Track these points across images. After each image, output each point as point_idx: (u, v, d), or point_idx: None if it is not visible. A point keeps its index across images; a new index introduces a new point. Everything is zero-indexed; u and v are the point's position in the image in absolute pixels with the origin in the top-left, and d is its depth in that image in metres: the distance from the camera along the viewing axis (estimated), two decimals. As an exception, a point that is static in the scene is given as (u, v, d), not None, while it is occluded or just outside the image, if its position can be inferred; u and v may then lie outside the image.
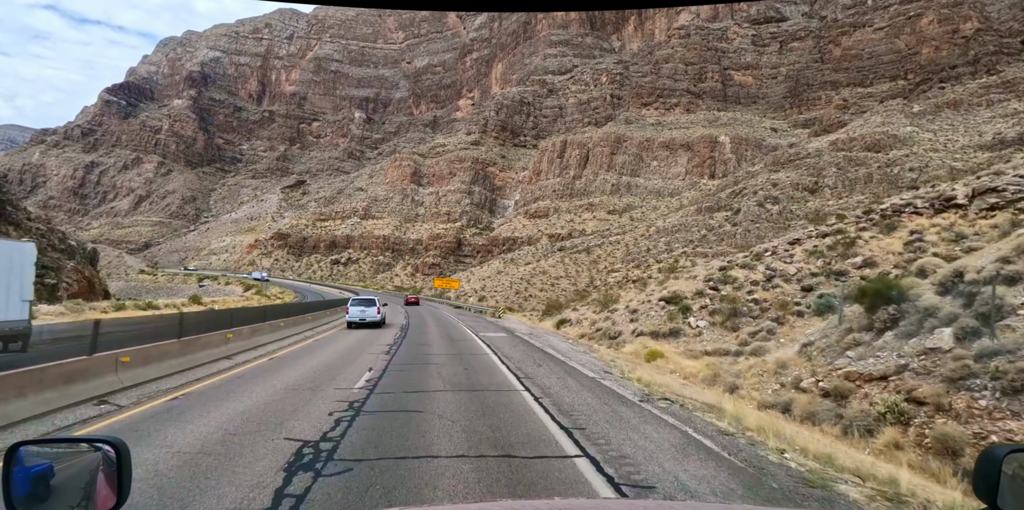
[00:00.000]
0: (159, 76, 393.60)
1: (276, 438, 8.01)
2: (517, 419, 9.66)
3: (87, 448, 2.04)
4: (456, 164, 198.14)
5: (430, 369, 16.02)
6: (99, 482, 1.93)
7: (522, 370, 16.05)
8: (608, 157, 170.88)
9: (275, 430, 8.50)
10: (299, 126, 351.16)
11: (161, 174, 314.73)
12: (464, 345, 24.70)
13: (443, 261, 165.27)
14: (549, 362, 18.37)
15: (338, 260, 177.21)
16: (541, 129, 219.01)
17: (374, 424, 9.03)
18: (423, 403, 10.88)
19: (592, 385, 13.86)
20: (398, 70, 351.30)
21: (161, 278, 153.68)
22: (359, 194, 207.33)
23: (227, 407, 10.32)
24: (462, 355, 20.27)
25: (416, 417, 9.59)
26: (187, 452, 7.26)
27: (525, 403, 11.20)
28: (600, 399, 11.95)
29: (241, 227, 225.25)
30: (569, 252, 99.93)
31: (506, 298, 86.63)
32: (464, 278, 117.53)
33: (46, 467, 2.00)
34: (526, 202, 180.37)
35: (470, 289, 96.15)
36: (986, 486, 1.76)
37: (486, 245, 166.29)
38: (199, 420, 9.22)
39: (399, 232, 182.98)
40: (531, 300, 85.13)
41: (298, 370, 15.36)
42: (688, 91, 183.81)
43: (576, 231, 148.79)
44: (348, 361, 17.66)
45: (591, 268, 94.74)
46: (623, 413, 10.47)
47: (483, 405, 10.84)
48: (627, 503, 2.74)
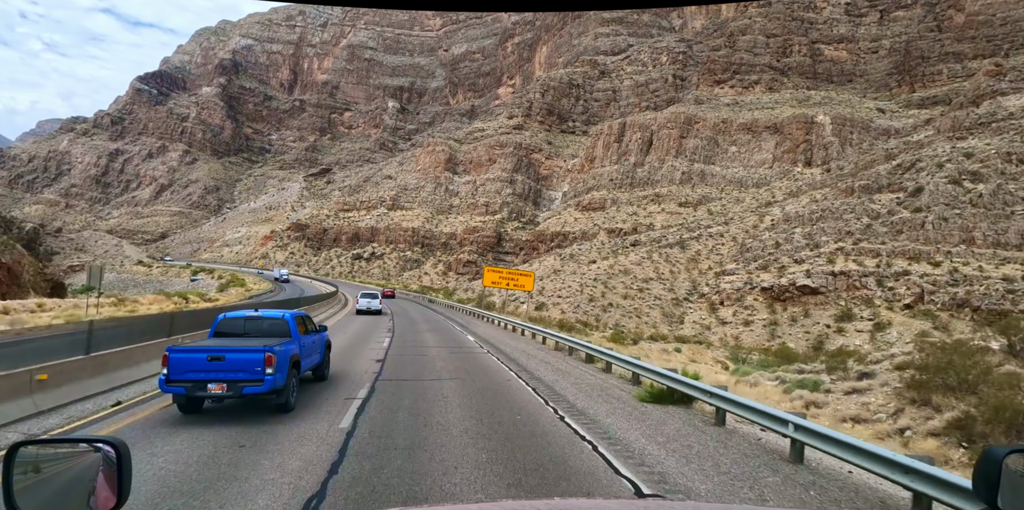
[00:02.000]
0: (192, 65, 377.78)
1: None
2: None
3: (87, 448, 2.00)
4: (496, 150, 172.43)
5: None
6: (99, 482, 1.90)
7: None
8: (676, 141, 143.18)
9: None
10: (330, 116, 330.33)
11: (186, 163, 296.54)
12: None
13: (480, 258, 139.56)
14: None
15: (360, 255, 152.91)
16: (592, 114, 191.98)
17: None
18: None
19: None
20: (434, 58, 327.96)
21: (155, 270, 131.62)
22: (387, 182, 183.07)
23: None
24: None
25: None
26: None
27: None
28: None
29: (258, 217, 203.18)
30: (657, 247, 73.03)
31: (576, 307, 60.15)
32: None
33: (46, 467, 1.99)
34: (577, 193, 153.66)
35: (520, 292, 70.13)
36: (986, 486, 1.72)
37: (531, 241, 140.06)
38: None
39: (430, 224, 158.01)
40: (614, 311, 58.51)
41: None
42: (770, 67, 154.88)
43: (641, 226, 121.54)
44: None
45: (689, 267, 67.91)
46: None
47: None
48: (627, 503, 2.68)
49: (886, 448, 7.00)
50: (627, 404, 12.87)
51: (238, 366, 9.18)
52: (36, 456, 2.03)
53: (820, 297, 53.83)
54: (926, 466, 5.95)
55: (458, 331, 32.23)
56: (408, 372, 15.80)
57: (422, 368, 16.70)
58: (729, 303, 58.22)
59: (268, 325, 11.32)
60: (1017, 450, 1.77)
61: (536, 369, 18.31)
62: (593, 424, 10.48)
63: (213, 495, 6.10)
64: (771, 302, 55.96)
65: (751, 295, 57.76)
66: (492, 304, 60.88)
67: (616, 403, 13.00)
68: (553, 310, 59.35)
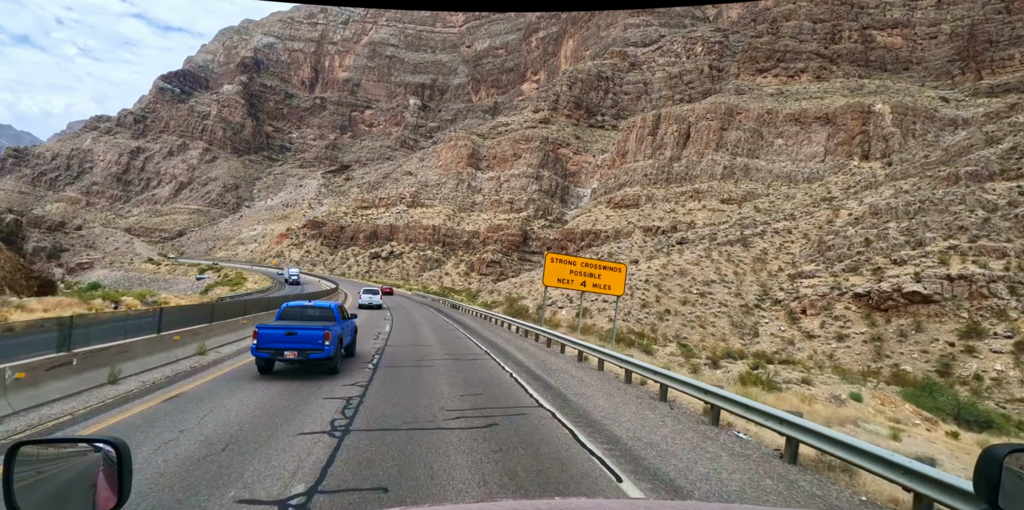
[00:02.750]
0: (215, 64, 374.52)
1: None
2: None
3: (87, 448, 1.98)
4: (522, 144, 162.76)
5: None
6: (99, 482, 1.88)
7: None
8: (716, 134, 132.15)
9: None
10: (351, 114, 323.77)
11: (205, 161, 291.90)
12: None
13: (504, 258, 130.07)
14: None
15: (378, 254, 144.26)
16: (622, 107, 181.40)
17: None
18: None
19: None
20: (456, 55, 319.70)
21: (163, 268, 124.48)
22: (407, 178, 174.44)
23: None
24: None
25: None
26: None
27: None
28: None
29: (275, 215, 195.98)
30: (714, 245, 62.55)
31: (627, 313, 50.12)
32: (540, 279, 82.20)
33: (47, 467, 1.98)
34: (608, 189, 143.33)
35: (558, 295, 60.30)
36: (987, 485, 1.70)
37: (559, 240, 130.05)
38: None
39: (452, 222, 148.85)
40: (672, 320, 48.40)
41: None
42: (818, 54, 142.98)
43: (681, 223, 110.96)
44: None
45: (755, 268, 57.48)
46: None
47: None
48: (627, 503, 2.64)
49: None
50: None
51: (306, 339, 13.02)
52: (37, 456, 2.01)
53: (934, 307, 43.12)
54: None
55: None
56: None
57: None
58: (813, 312, 47.71)
59: (319, 312, 15.09)
60: (1018, 449, 1.75)
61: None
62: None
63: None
64: (868, 312, 45.39)
65: (841, 302, 47.22)
66: (523, 309, 51.22)
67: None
68: (599, 317, 49.41)
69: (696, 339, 46.24)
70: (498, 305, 60.48)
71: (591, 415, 10.95)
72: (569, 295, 56.34)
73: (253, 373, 13.31)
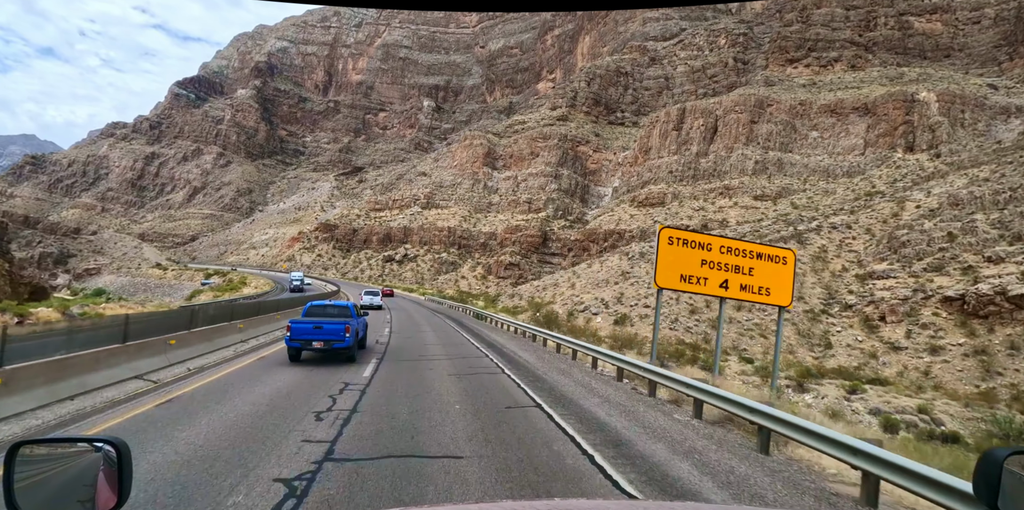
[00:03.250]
0: (229, 70, 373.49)
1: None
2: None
3: (88, 448, 1.98)
4: (539, 142, 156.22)
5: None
6: (100, 482, 1.87)
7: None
8: (746, 127, 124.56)
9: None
10: (364, 116, 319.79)
11: (219, 166, 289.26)
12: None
13: (523, 260, 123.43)
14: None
15: (392, 257, 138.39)
16: (643, 103, 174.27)
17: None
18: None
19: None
20: (471, 55, 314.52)
21: (170, 273, 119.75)
22: (421, 179, 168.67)
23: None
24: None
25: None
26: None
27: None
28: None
29: (287, 218, 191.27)
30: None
31: (673, 321, 43.20)
32: (564, 281, 75.14)
33: (47, 467, 1.97)
34: (630, 188, 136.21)
35: (591, 300, 53.50)
36: (987, 488, 1.68)
37: (580, 240, 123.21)
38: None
39: (467, 224, 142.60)
40: (728, 329, 41.40)
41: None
42: (852, 42, 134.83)
43: (712, 222, 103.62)
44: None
45: (816, 268, 50.25)
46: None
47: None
48: (627, 503, 2.63)
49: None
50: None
51: (330, 332, 15.43)
52: (37, 456, 2.00)
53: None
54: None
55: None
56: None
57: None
58: (894, 319, 40.45)
59: (338, 311, 17.46)
60: (1018, 452, 1.74)
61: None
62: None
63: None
64: (964, 319, 38.06)
65: (927, 308, 39.92)
66: (552, 315, 44.56)
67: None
68: (640, 325, 42.60)
69: (758, 351, 39.22)
70: (521, 311, 53.91)
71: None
72: (603, 298, 49.46)
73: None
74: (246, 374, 13.80)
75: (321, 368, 14.96)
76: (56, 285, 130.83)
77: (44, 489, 1.91)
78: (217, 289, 67.80)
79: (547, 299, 69.85)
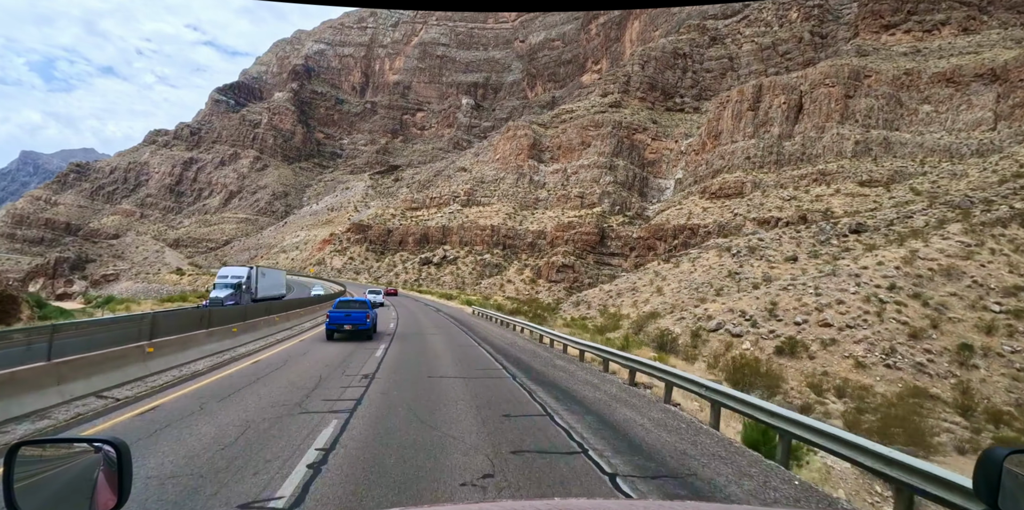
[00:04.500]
0: (268, 75, 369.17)
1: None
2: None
3: (88, 448, 1.96)
4: (591, 131, 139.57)
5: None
6: (99, 482, 1.86)
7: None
8: (839, 103, 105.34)
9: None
10: (402, 117, 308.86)
11: (256, 169, 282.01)
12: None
13: (578, 261, 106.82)
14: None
15: (429, 259, 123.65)
16: (704, 87, 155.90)
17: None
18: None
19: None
20: (510, 50, 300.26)
21: (186, 279, 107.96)
22: (461, 175, 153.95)
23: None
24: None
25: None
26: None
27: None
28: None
29: (319, 219, 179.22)
30: (980, 226, 37.23)
31: (887, 353, 26.14)
32: (646, 285, 58.31)
33: (47, 467, 1.95)
34: (698, 178, 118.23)
35: (722, 312, 36.79)
36: (987, 487, 1.67)
37: (644, 238, 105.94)
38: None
39: (513, 222, 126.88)
40: (989, 367, 24.17)
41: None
42: (962, 2, 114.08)
43: (812, 212, 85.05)
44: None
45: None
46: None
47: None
48: (627, 503, 2.63)
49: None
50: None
51: (357, 318, 21.50)
52: (37, 456, 1.98)
53: None
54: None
55: None
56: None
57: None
58: None
59: (359, 305, 23.04)
60: (1018, 451, 1.72)
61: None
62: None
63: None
64: None
65: None
66: (668, 337, 28.15)
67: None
68: (827, 356, 25.63)
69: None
70: (587, 326, 37.60)
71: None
72: (743, 311, 32.58)
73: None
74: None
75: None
76: (72, 292, 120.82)
77: (44, 489, 1.88)
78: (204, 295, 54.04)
79: (624, 308, 53.41)
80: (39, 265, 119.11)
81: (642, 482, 6.22)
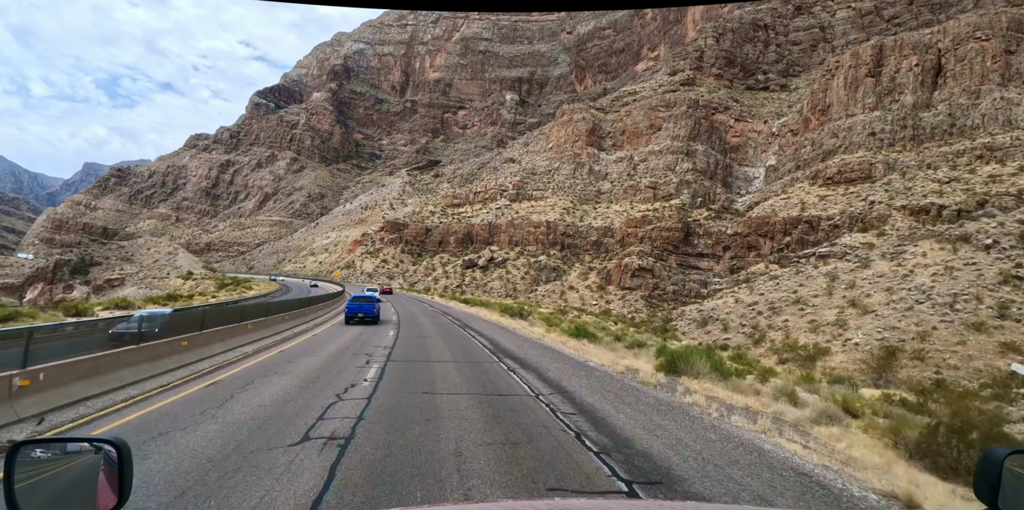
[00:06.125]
0: (308, 78, 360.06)
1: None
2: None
3: (89, 448, 1.96)
4: (660, 111, 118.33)
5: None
6: (100, 482, 1.85)
7: None
8: (998, 60, 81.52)
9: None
10: (443, 116, 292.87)
11: (292, 171, 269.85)
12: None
13: (657, 263, 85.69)
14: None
15: (474, 262, 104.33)
16: (792, 62, 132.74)
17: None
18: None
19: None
20: (556, 43, 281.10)
21: (187, 285, 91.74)
22: (509, 167, 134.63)
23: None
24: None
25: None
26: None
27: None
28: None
29: (352, 219, 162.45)
30: None
31: None
32: (816, 294, 37.37)
33: (48, 467, 1.94)
34: (803, 161, 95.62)
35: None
36: (987, 486, 1.67)
37: (743, 234, 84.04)
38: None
39: (571, 217, 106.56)
40: None
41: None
42: None
43: (991, 196, 62.03)
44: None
45: None
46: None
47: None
48: (627, 503, 2.62)
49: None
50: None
51: (367, 308, 28.92)
52: (38, 456, 1.96)
53: None
54: None
55: None
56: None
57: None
58: None
59: (366, 299, 29.71)
60: (1017, 451, 1.72)
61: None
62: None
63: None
64: None
65: None
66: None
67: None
68: None
69: None
70: (778, 372, 17.11)
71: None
72: None
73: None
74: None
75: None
76: (71, 299, 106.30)
77: (45, 489, 1.86)
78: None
79: (796, 332, 32.70)
80: (39, 269, 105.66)
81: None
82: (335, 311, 37.50)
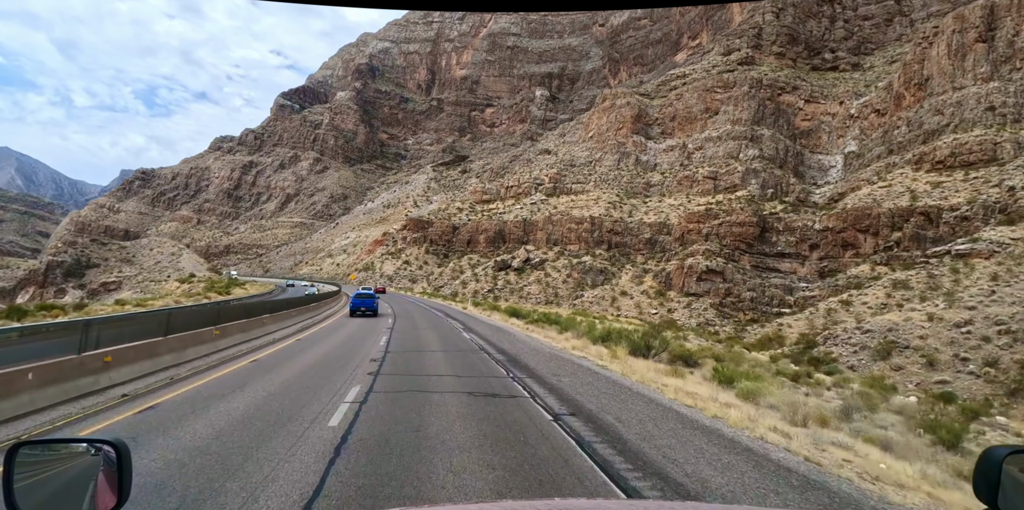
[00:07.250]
0: (333, 78, 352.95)
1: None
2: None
3: (88, 448, 1.95)
4: (718, 93, 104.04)
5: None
6: (99, 482, 1.84)
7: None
8: None
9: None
10: (470, 114, 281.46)
11: (315, 171, 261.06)
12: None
13: (729, 264, 71.67)
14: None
15: (507, 263, 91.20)
16: (863, 39, 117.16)
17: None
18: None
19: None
20: (588, 36, 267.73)
21: (180, 289, 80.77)
22: (544, 159, 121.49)
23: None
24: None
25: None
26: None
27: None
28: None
29: (373, 218, 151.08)
30: None
31: None
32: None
33: (47, 467, 1.94)
34: (897, 145, 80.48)
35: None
36: (987, 486, 1.65)
37: (837, 230, 69.51)
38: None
39: (619, 212, 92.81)
40: None
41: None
42: None
43: None
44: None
45: None
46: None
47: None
48: (627, 503, 2.62)
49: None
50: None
51: (369, 303, 36.42)
52: (37, 456, 1.96)
53: None
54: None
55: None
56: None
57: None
58: None
59: (367, 295, 37.32)
60: (1017, 451, 1.71)
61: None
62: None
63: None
64: None
65: None
66: None
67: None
68: None
69: None
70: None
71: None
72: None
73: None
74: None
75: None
76: (62, 304, 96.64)
77: (44, 489, 1.85)
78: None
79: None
80: (32, 271, 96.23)
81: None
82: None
